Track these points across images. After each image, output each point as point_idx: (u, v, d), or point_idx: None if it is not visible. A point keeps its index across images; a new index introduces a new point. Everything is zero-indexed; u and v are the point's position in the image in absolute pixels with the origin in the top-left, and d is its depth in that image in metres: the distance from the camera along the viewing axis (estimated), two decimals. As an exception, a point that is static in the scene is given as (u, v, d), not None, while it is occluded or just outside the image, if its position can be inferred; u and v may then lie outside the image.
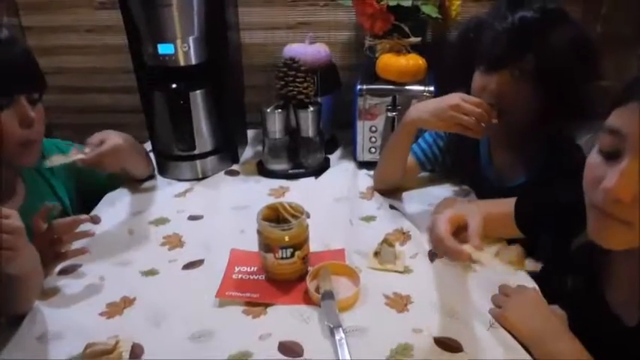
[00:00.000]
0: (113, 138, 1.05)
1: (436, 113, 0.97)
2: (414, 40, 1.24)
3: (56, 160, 0.97)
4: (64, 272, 0.91)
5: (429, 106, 0.99)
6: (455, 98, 0.95)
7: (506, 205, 0.90)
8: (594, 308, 0.74)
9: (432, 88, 1.20)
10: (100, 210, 1.13)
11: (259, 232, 0.86)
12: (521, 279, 0.84)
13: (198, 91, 1.22)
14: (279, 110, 1.23)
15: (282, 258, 0.84)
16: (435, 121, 0.97)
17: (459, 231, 0.76)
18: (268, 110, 1.23)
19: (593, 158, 0.63)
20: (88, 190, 1.16)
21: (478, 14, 1.08)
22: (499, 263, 0.69)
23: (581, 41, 0.91)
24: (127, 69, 1.53)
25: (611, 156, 0.60)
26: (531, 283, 0.84)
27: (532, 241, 0.88)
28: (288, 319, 0.79)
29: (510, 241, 0.78)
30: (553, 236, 0.91)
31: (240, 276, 0.89)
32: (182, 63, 1.17)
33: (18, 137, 0.86)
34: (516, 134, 1.03)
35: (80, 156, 0.99)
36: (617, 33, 1.34)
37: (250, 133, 1.51)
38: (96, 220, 0.95)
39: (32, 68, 0.89)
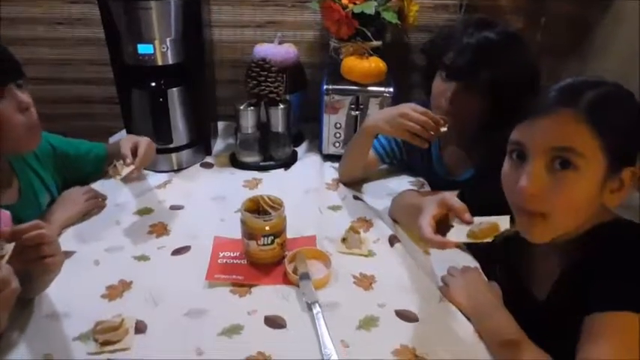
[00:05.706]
0: (141, 140, 1.15)
1: (388, 120, 1.10)
2: (375, 43, 1.37)
3: (120, 172, 1.08)
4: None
5: (384, 114, 1.13)
6: (405, 108, 1.07)
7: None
8: (515, 288, 0.89)
9: (391, 89, 1.34)
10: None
11: (243, 222, 0.97)
12: (467, 260, 1.01)
13: (175, 89, 1.29)
14: (252, 107, 1.33)
15: (263, 245, 0.96)
16: (388, 127, 1.10)
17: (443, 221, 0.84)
18: (241, 107, 1.33)
19: (506, 168, 0.78)
20: (73, 180, 1.20)
21: (447, 23, 1.21)
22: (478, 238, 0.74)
23: (530, 65, 1.05)
24: (97, 61, 1.58)
25: (519, 158, 0.75)
26: (474, 264, 1.00)
27: None
28: (271, 297, 0.91)
29: None
30: None
31: (225, 260, 1.00)
32: (160, 62, 1.24)
33: (21, 123, 0.92)
34: (465, 136, 1.18)
35: (131, 167, 1.09)
36: (554, 42, 1.53)
37: (220, 125, 1.60)
38: None
39: (11, 56, 0.92)
